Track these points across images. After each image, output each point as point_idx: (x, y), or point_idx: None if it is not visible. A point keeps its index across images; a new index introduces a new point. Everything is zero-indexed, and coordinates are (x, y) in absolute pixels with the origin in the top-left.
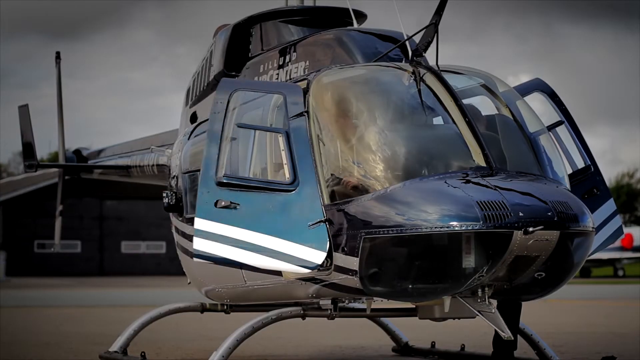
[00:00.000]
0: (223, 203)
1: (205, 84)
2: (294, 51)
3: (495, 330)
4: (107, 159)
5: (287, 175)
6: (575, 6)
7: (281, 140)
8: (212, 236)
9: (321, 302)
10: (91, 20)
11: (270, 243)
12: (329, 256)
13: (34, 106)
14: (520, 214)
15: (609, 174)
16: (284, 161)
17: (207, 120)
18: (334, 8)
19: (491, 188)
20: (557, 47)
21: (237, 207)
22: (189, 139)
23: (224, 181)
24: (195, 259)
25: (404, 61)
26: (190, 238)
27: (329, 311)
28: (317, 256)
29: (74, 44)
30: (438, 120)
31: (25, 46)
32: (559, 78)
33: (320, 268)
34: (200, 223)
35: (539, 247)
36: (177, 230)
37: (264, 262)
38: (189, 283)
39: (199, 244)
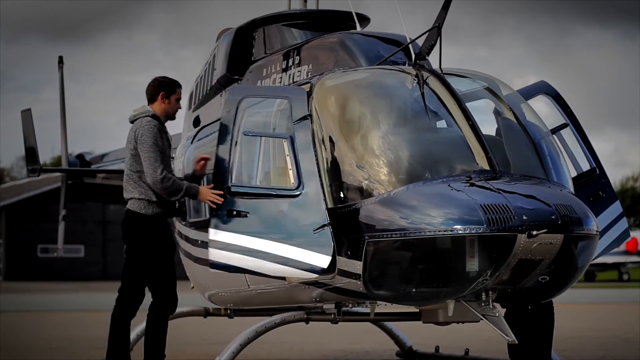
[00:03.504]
0: (234, 213)
1: (208, 88)
2: (297, 55)
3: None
4: (110, 163)
5: (292, 180)
6: (584, 9)
7: (286, 145)
8: (226, 246)
9: (325, 306)
10: (94, 23)
11: (277, 249)
12: (333, 260)
13: (36, 110)
14: (524, 217)
15: (614, 178)
16: (289, 166)
17: (210, 124)
18: (337, 12)
19: (495, 191)
20: (565, 50)
21: (247, 215)
22: (192, 142)
23: (232, 190)
24: (212, 270)
25: (407, 64)
26: (193, 242)
27: (333, 315)
28: (322, 260)
29: (76, 47)
30: (441, 124)
31: (26, 49)
32: (565, 81)
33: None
34: (214, 233)
35: (543, 250)
36: (180, 234)
37: (271, 268)
38: (192, 287)
39: (216, 255)
